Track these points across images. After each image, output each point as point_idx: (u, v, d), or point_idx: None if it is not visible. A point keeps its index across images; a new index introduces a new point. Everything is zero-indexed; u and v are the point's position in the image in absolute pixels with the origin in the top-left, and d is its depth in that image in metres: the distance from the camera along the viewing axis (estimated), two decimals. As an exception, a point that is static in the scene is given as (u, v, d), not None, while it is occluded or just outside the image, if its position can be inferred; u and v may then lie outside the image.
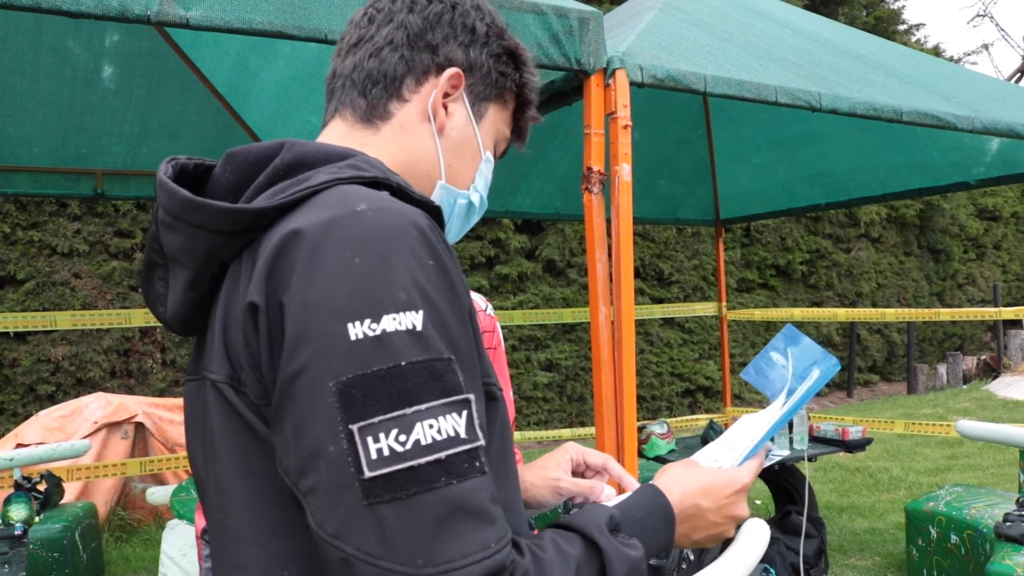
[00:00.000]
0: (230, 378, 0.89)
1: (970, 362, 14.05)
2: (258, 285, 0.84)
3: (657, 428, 4.93)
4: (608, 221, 2.62)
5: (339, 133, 1.08)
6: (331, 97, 1.11)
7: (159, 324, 1.03)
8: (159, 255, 0.98)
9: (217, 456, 0.92)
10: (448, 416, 0.80)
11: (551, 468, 1.36)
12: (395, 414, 0.78)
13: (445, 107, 1.08)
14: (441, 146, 1.08)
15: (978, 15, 32.97)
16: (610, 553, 0.91)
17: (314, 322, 0.80)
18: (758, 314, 7.70)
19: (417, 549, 0.76)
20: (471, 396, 0.83)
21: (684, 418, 7.72)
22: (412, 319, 0.81)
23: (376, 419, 0.78)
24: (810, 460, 4.87)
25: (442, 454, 0.78)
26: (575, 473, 1.38)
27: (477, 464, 0.81)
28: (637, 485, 1.33)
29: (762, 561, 4.42)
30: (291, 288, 0.82)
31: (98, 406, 6.02)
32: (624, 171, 2.56)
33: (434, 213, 0.96)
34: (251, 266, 0.87)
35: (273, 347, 0.83)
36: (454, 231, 1.17)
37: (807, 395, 1.18)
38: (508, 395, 1.97)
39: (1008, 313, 5.72)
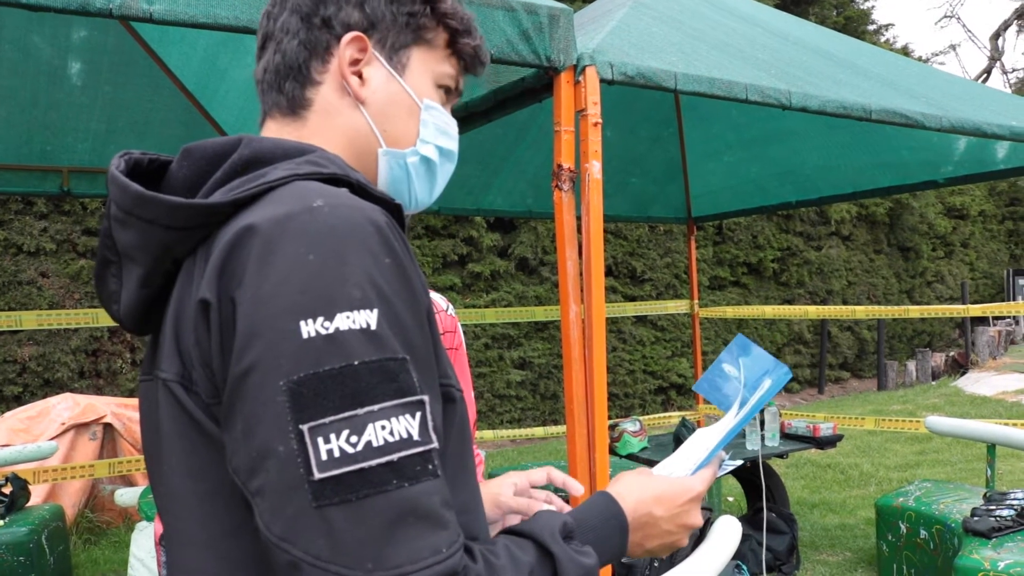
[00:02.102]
0: (181, 377, 0.87)
1: (939, 359, 14.21)
2: (210, 281, 0.82)
3: (630, 426, 4.94)
4: (579, 219, 2.61)
5: (273, 133, 1.06)
6: (261, 100, 1.09)
7: (124, 329, 1.00)
8: (112, 252, 0.95)
9: (167, 457, 0.90)
10: (401, 417, 0.78)
11: (493, 485, 1.35)
12: (347, 415, 0.76)
13: (359, 75, 1.04)
14: (368, 114, 1.05)
15: (945, 16, 33.42)
16: (563, 560, 0.90)
17: (266, 319, 0.78)
18: (730, 311, 7.74)
19: (366, 553, 0.74)
20: (425, 397, 0.81)
21: (657, 416, 7.74)
22: (366, 318, 0.79)
23: (327, 419, 0.76)
24: (782, 456, 4.90)
25: (394, 456, 0.77)
26: (519, 494, 1.37)
27: (430, 467, 0.79)
28: (582, 489, 1.33)
29: (734, 558, 4.44)
30: (243, 284, 0.80)
31: (66, 407, 5.95)
32: (594, 168, 2.55)
33: (395, 211, 0.94)
34: (204, 262, 0.85)
35: (224, 344, 0.81)
36: (424, 191, 1.12)
37: (758, 405, 1.18)
38: (469, 396, 1.95)
39: (976, 310, 5.79)
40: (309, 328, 0.77)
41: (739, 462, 1.25)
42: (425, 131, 1.10)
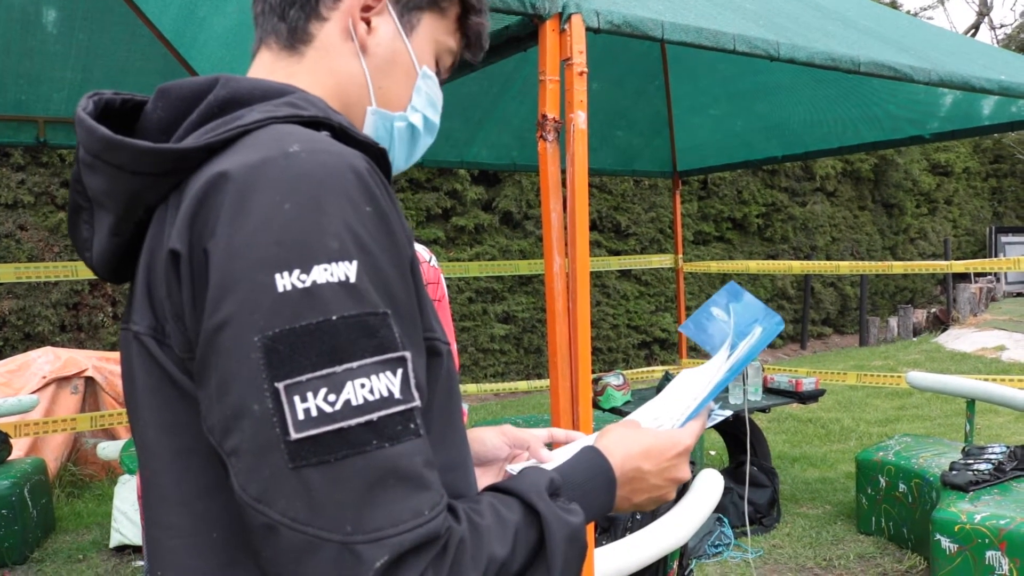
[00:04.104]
0: (153, 330, 0.84)
1: (920, 315, 14.32)
2: (180, 231, 0.78)
3: (613, 380, 4.96)
4: (563, 172, 2.58)
5: (266, 65, 1.01)
6: (256, 25, 1.04)
7: (98, 277, 0.96)
8: (83, 197, 0.92)
9: (141, 412, 0.87)
10: (382, 375, 0.75)
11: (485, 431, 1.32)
12: (324, 372, 0.73)
13: (368, 22, 1.00)
14: (367, 65, 1.01)
15: (934, -30, 33.15)
16: (549, 519, 0.88)
17: (239, 272, 0.74)
18: (714, 266, 7.73)
19: (345, 515, 0.72)
20: (407, 354, 0.78)
21: (640, 370, 7.77)
22: (345, 270, 0.75)
23: (304, 377, 0.73)
24: (764, 411, 4.93)
25: (374, 415, 0.74)
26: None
27: (412, 426, 0.76)
28: (583, 436, 1.30)
29: (716, 511, 4.48)
30: (216, 235, 0.76)
31: (46, 360, 5.92)
32: (579, 119, 2.51)
33: (378, 156, 0.90)
34: (176, 211, 0.81)
35: (196, 298, 0.77)
36: (401, 158, 1.09)
37: (750, 354, 1.15)
38: (453, 348, 1.94)
39: (959, 266, 5.80)
40: (285, 281, 0.74)
41: (728, 412, 1.23)
42: (417, 98, 1.06)
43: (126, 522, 4.70)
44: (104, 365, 6.13)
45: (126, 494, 4.70)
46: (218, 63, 4.28)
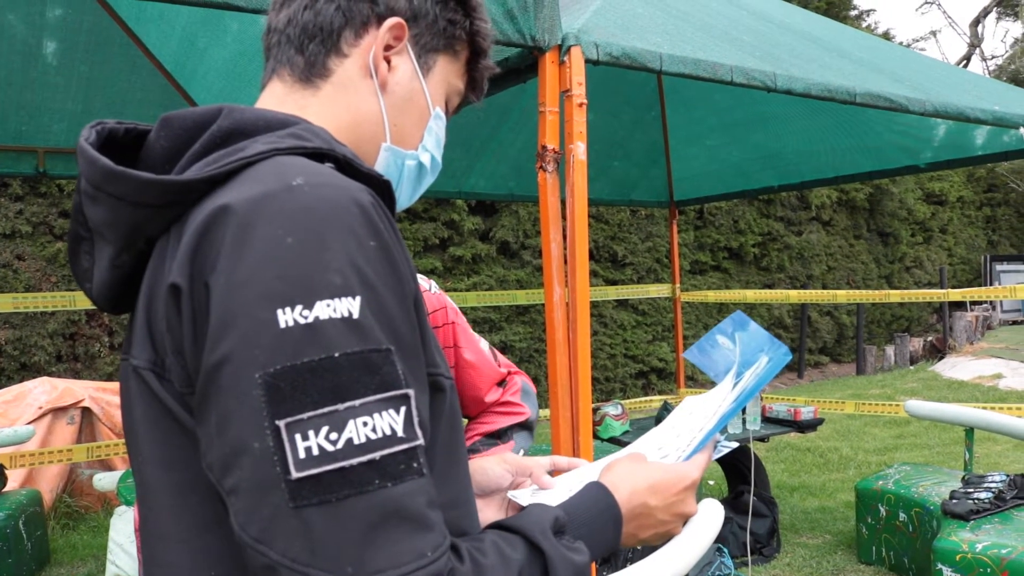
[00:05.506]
0: (152, 364, 0.83)
1: (917, 344, 14.31)
2: (181, 265, 0.78)
3: (612, 409, 4.95)
4: (563, 201, 2.59)
5: (278, 96, 1.01)
6: (268, 56, 1.04)
7: (98, 308, 0.95)
8: (83, 228, 0.91)
9: (140, 446, 0.87)
10: (384, 413, 0.74)
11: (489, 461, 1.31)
12: (326, 410, 0.72)
13: (388, 61, 1.01)
14: (385, 104, 1.01)
15: (926, 2, 33.44)
16: (554, 558, 0.86)
17: (240, 307, 0.74)
18: (711, 296, 7.74)
19: (347, 556, 0.70)
20: (411, 391, 0.77)
21: (638, 400, 7.75)
22: (348, 306, 0.75)
23: (305, 415, 0.72)
24: (763, 440, 4.92)
25: (376, 454, 0.73)
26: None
27: (415, 465, 0.75)
28: (586, 464, 1.29)
29: (716, 541, 4.45)
30: (217, 269, 0.75)
31: (43, 391, 5.89)
32: (579, 149, 2.53)
33: (383, 188, 0.90)
34: (177, 243, 0.81)
35: (197, 333, 0.77)
36: (405, 195, 1.09)
37: (758, 384, 1.14)
38: (483, 360, 1.93)
39: (956, 295, 5.81)
40: (287, 317, 0.73)
41: (734, 444, 1.23)
42: (428, 138, 1.07)
43: (122, 554, 4.65)
44: (101, 396, 6.10)
45: (122, 526, 4.66)
46: (218, 94, 4.30)
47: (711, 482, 6.38)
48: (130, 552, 4.63)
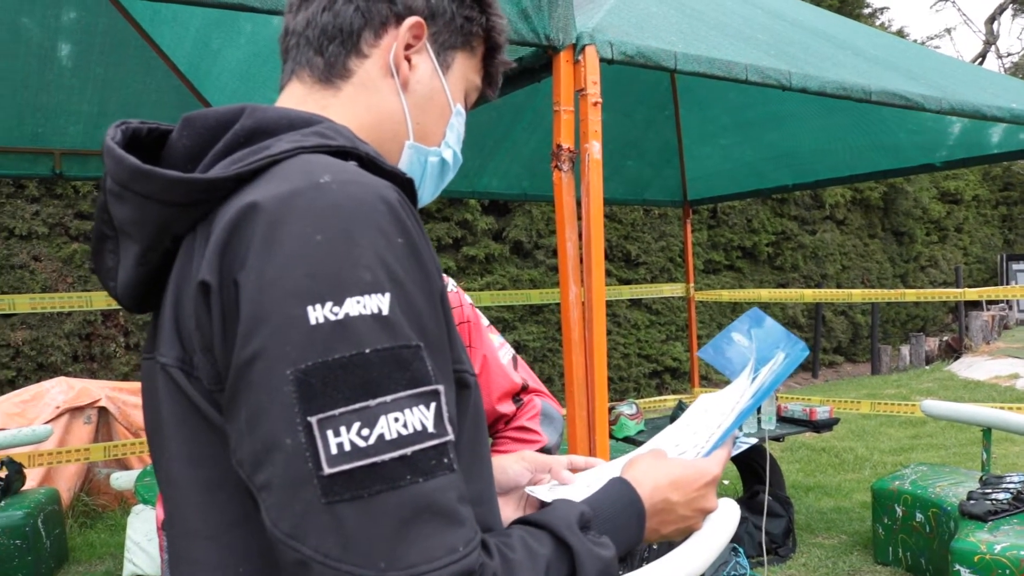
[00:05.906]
0: (181, 362, 0.83)
1: (932, 343, 14.23)
2: (211, 263, 0.78)
3: (626, 409, 4.94)
4: (578, 201, 2.59)
5: (298, 97, 1.01)
6: (286, 58, 1.04)
7: (122, 307, 0.96)
8: (108, 226, 0.92)
9: (167, 444, 0.87)
10: (415, 409, 0.75)
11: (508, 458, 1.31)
12: (358, 406, 0.73)
13: (408, 60, 1.01)
14: (407, 102, 1.02)
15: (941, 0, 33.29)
16: (581, 553, 0.87)
17: (271, 304, 0.74)
18: (725, 295, 7.72)
19: (379, 552, 0.71)
20: (440, 387, 0.77)
21: (652, 399, 7.74)
22: (378, 302, 0.75)
23: (337, 411, 0.72)
24: (778, 440, 4.91)
25: (408, 450, 0.73)
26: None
27: (445, 461, 0.76)
28: (603, 463, 1.29)
29: (731, 541, 4.44)
30: (247, 266, 0.76)
31: (60, 391, 5.92)
32: (594, 148, 2.53)
33: (406, 186, 0.90)
34: (205, 241, 0.81)
35: (227, 330, 0.77)
36: (428, 191, 1.10)
37: (776, 381, 1.13)
38: (496, 364, 1.89)
39: (972, 294, 5.77)
40: (317, 314, 0.73)
41: (753, 440, 1.22)
42: (450, 134, 1.08)
43: (139, 552, 4.68)
44: (117, 395, 6.14)
45: (139, 524, 4.69)
46: (232, 95, 4.32)
47: (726, 482, 6.36)
48: (147, 550, 4.66)
